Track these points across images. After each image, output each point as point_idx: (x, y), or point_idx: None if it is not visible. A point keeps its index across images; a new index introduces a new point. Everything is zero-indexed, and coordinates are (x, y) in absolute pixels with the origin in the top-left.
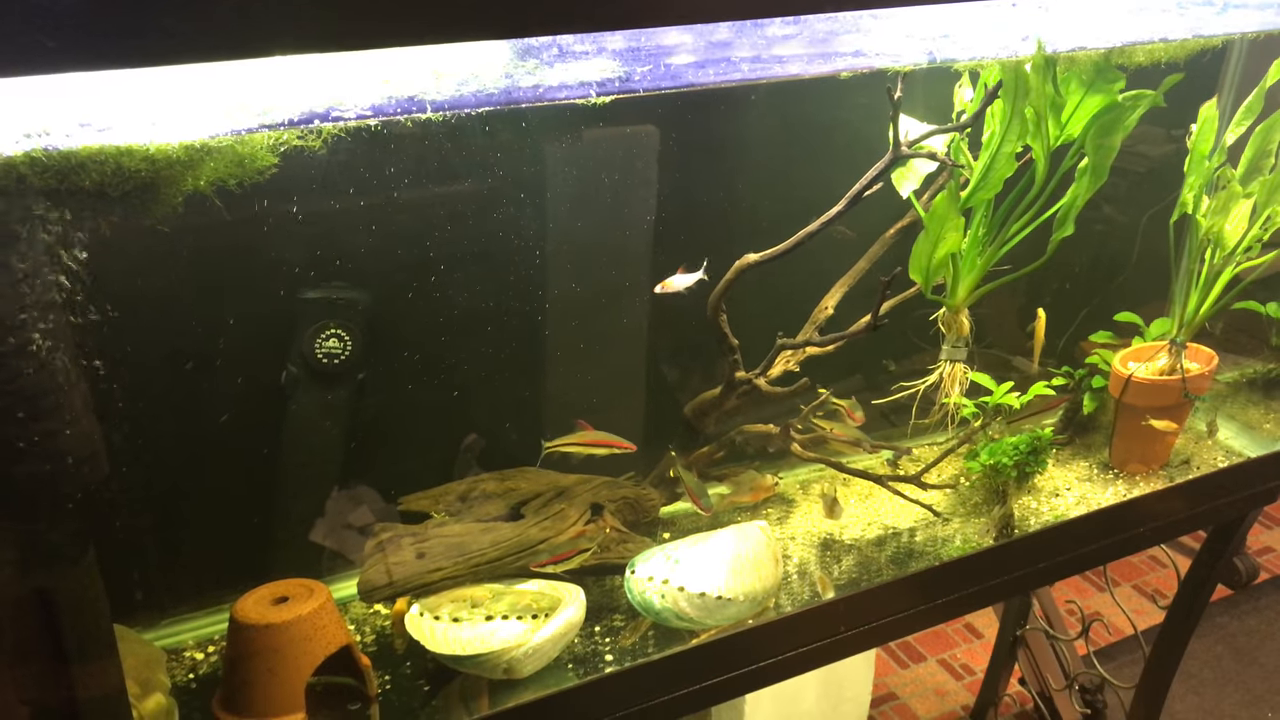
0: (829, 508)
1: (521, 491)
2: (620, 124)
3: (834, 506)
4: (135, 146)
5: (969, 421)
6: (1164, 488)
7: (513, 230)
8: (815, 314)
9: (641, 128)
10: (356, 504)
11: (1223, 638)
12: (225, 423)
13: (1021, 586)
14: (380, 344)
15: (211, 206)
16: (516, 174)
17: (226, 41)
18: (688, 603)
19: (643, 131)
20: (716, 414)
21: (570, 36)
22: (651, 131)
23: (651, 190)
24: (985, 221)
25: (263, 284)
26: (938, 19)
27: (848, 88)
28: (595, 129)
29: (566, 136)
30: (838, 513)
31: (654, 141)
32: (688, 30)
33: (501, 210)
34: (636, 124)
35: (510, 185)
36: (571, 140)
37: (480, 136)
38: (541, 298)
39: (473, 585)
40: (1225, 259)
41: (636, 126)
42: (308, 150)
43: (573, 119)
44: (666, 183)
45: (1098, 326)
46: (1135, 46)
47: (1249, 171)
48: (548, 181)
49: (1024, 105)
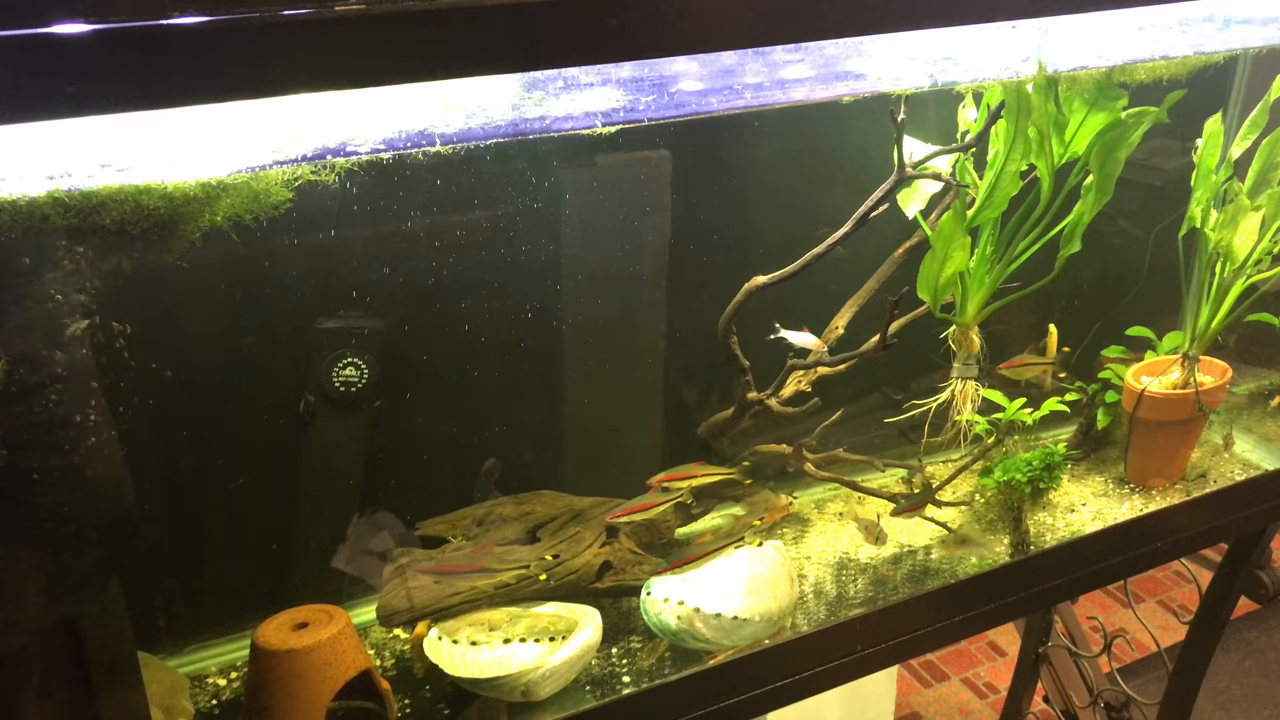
0: (871, 534)
1: (537, 515)
2: (627, 152)
3: (877, 532)
4: (153, 185)
5: (982, 438)
6: (1180, 502)
7: (525, 258)
8: (826, 334)
9: (647, 155)
10: (376, 530)
11: (1250, 653)
12: (246, 451)
13: (1039, 603)
14: (397, 372)
15: (229, 241)
16: (526, 203)
17: (241, 82)
18: (704, 624)
19: (649, 158)
20: (730, 435)
21: (575, 68)
22: (657, 158)
23: (660, 216)
24: (992, 239)
25: (280, 314)
26: (940, 42)
27: (852, 111)
28: (603, 157)
29: (574, 165)
30: (883, 538)
31: (660, 168)
32: (691, 59)
33: (513, 238)
34: (642, 151)
35: (520, 214)
36: (579, 168)
37: (490, 167)
38: (554, 323)
39: (490, 609)
40: (1235, 272)
41: (642, 154)
42: (321, 184)
43: (580, 148)
44: (675, 208)
45: (1114, 340)
46: (1137, 64)
47: (1257, 184)
48: (557, 210)
49: (1027, 125)
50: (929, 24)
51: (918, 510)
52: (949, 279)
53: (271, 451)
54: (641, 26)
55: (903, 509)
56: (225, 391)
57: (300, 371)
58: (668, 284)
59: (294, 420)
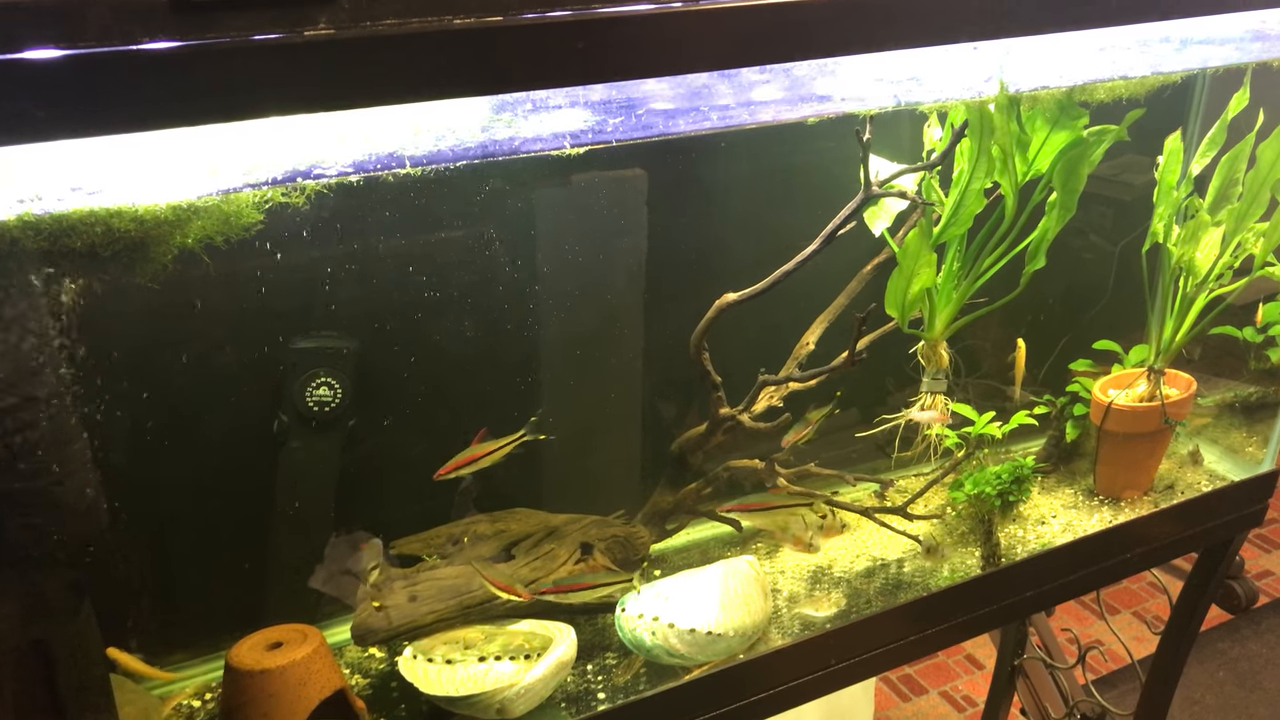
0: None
1: (512, 532)
2: (596, 172)
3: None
4: (124, 208)
5: (952, 452)
6: (1149, 513)
7: (495, 277)
8: (797, 350)
9: (616, 175)
10: (354, 549)
11: (1225, 663)
12: (219, 471)
13: (1010, 615)
14: (371, 391)
15: (200, 263)
16: (495, 223)
17: (211, 106)
18: (678, 639)
19: (618, 178)
20: (703, 451)
21: (544, 91)
22: (627, 178)
23: (631, 235)
24: (959, 256)
25: (252, 335)
26: (905, 63)
27: (818, 132)
28: (572, 178)
29: (544, 185)
30: (815, 545)
31: (631, 188)
32: (659, 81)
33: (483, 258)
34: (612, 171)
35: (491, 234)
36: (549, 189)
37: (461, 188)
38: (525, 342)
39: (465, 627)
40: (1198, 286)
41: (612, 174)
42: (292, 206)
43: (549, 169)
44: (646, 227)
45: (1084, 353)
46: (1097, 84)
47: (1218, 200)
48: (527, 229)
49: (990, 143)
50: (892, 46)
51: (835, 534)
52: (916, 295)
53: (245, 472)
54: (607, 50)
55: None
56: (198, 412)
57: (273, 392)
58: (640, 302)
59: (267, 440)
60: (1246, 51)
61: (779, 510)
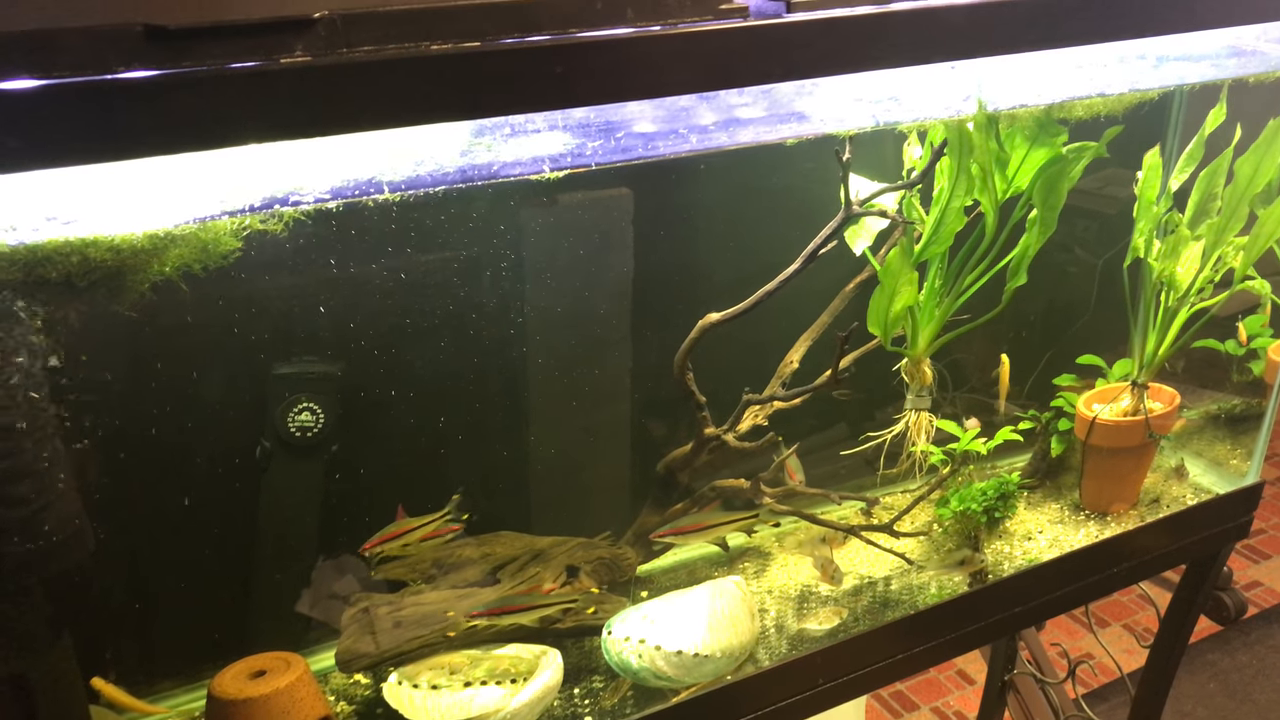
0: (828, 573)
1: (497, 556)
2: (576, 195)
3: (833, 570)
4: (100, 238)
5: (938, 469)
6: (1135, 527)
7: (475, 301)
8: (781, 369)
9: (598, 196)
10: (341, 574)
11: (1215, 675)
12: (202, 499)
13: (998, 632)
14: (353, 416)
15: (180, 290)
16: (475, 247)
17: (187, 135)
18: (665, 661)
19: (600, 200)
20: (688, 471)
21: (523, 115)
22: (608, 200)
23: (613, 257)
24: (941, 273)
25: (233, 361)
26: (884, 83)
27: (799, 153)
28: (552, 200)
29: (526, 207)
30: (839, 577)
31: (611, 211)
32: (640, 103)
33: (462, 282)
34: (592, 194)
35: (473, 258)
36: (531, 210)
37: (441, 213)
38: (506, 365)
39: (450, 652)
40: (1179, 300)
41: (593, 195)
42: (271, 233)
43: (529, 192)
44: (629, 250)
45: (1069, 368)
46: (1075, 102)
47: (1197, 215)
48: (506, 253)
49: (969, 162)
50: (870, 67)
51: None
52: (898, 313)
53: (228, 498)
54: (585, 74)
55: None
56: (180, 440)
57: (256, 417)
58: (625, 323)
59: (251, 467)
60: (1222, 67)
61: (718, 528)
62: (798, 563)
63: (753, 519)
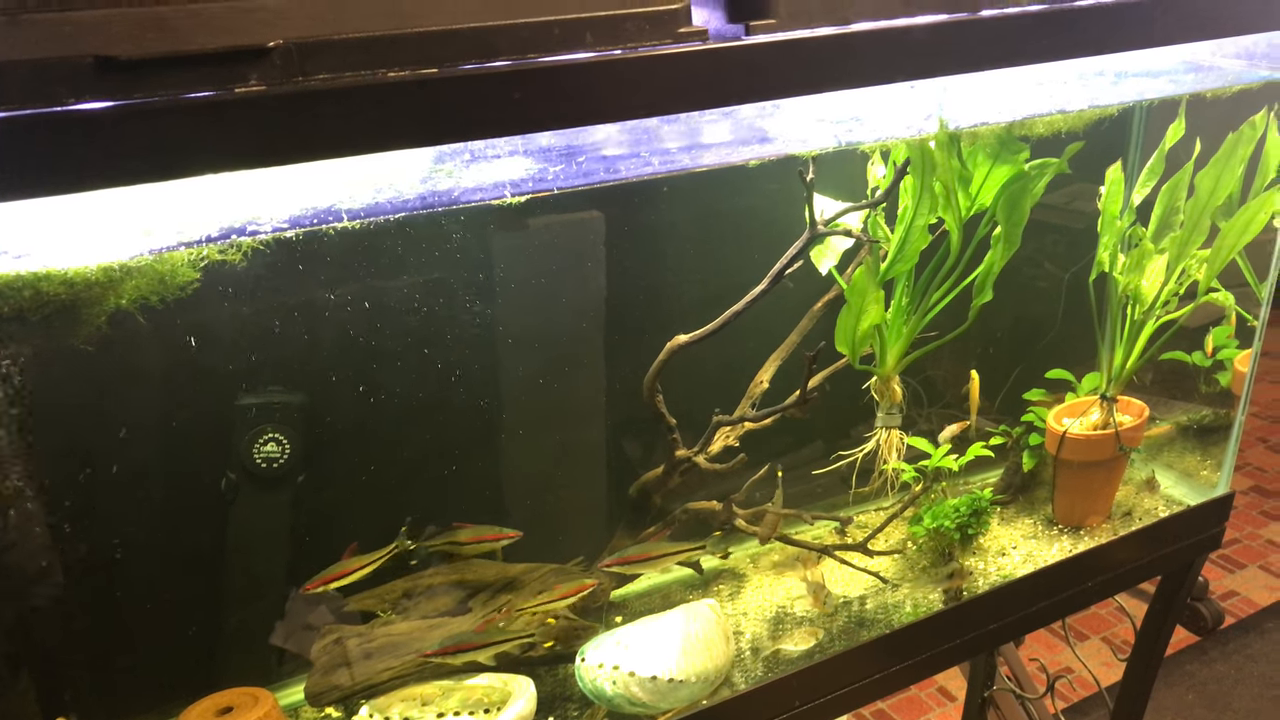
0: (819, 598)
1: (469, 584)
2: (543, 219)
3: (825, 596)
4: (53, 271)
5: (910, 486)
6: (1108, 541)
7: (439, 328)
8: (751, 389)
9: (564, 221)
10: (313, 605)
11: (1193, 685)
12: (167, 532)
13: (974, 649)
14: (320, 446)
15: (139, 322)
16: (444, 274)
17: (142, 166)
18: (639, 687)
19: (568, 224)
20: (661, 493)
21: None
22: (576, 224)
23: (578, 281)
24: (907, 291)
25: (195, 393)
26: (846, 103)
27: (764, 173)
28: (515, 226)
29: (487, 234)
30: (830, 602)
31: (575, 234)
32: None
33: (427, 309)
34: (559, 218)
35: (438, 285)
36: (495, 237)
37: (403, 240)
38: (476, 393)
39: (421, 683)
40: (1145, 313)
41: (560, 220)
42: (230, 264)
43: (491, 218)
44: (594, 273)
45: (1040, 382)
46: (1036, 119)
47: (1160, 229)
48: (475, 279)
49: (932, 180)
50: (831, 88)
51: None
52: (865, 332)
53: (194, 531)
54: (545, 99)
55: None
56: (144, 473)
57: (221, 449)
58: (591, 348)
59: (217, 499)
60: (1180, 83)
61: (664, 559)
62: (772, 584)
63: (699, 550)
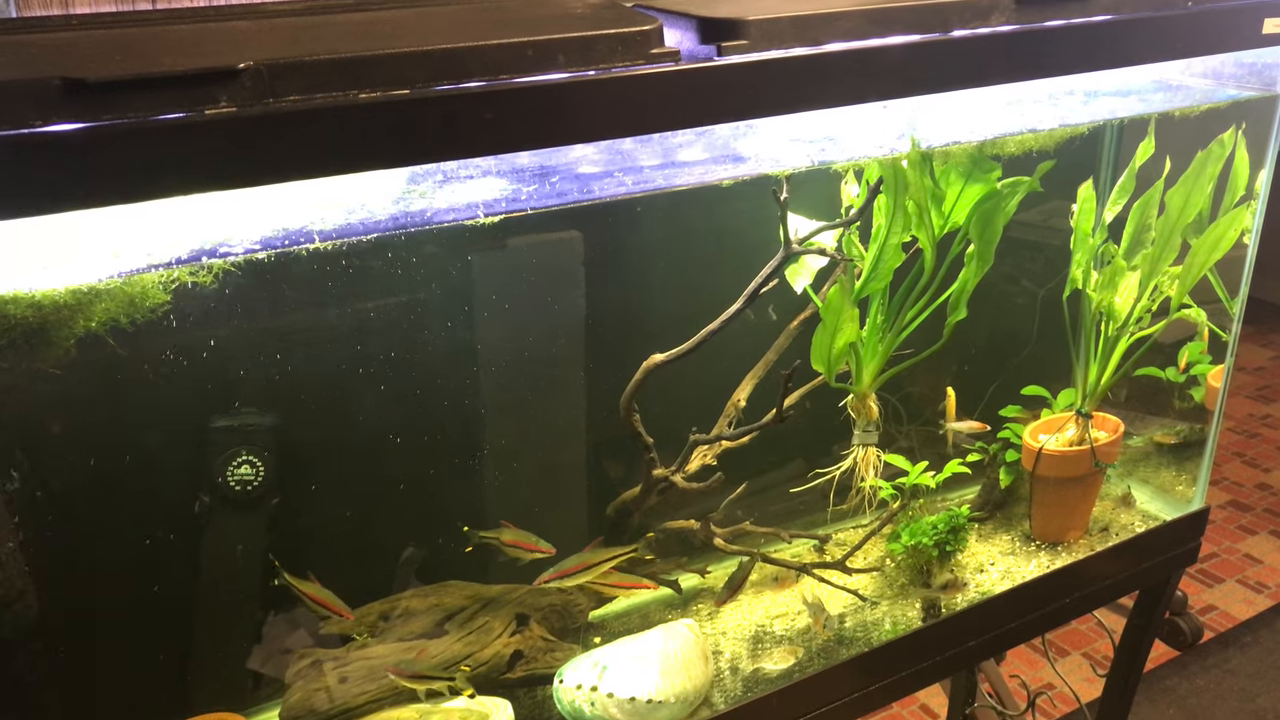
0: (819, 620)
1: (445, 606)
2: (511, 240)
3: (825, 618)
4: (20, 294)
5: (888, 503)
6: (1085, 556)
7: (413, 349)
8: (728, 408)
9: (534, 241)
10: (292, 629)
11: (1174, 700)
12: (140, 556)
13: (955, 666)
14: (294, 468)
15: (109, 345)
16: (419, 295)
17: (111, 189)
18: (618, 709)
19: (537, 245)
20: (639, 513)
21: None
22: (546, 244)
23: (552, 301)
24: (883, 309)
25: (167, 415)
26: (820, 123)
27: (739, 193)
28: (486, 246)
29: (461, 255)
30: (831, 624)
31: (549, 254)
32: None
33: (400, 330)
34: (535, 238)
35: (413, 306)
36: (467, 258)
37: (377, 261)
38: (452, 414)
39: (398, 706)
40: (1119, 330)
41: (536, 240)
42: (200, 285)
43: (465, 238)
44: (568, 292)
45: (1017, 399)
46: (1007, 138)
47: (1132, 246)
48: (449, 300)
49: (905, 199)
50: (804, 108)
51: (737, 593)
52: (841, 350)
53: (167, 556)
54: (517, 120)
55: (723, 598)
56: (116, 497)
57: (194, 472)
58: (568, 369)
59: (189, 522)
60: (1150, 102)
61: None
62: (751, 603)
63: (631, 553)
